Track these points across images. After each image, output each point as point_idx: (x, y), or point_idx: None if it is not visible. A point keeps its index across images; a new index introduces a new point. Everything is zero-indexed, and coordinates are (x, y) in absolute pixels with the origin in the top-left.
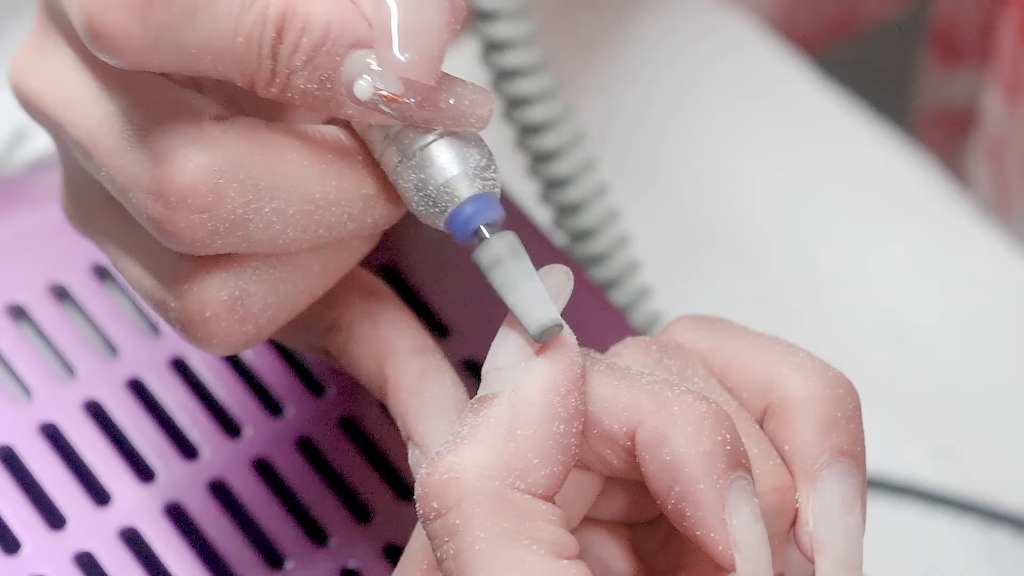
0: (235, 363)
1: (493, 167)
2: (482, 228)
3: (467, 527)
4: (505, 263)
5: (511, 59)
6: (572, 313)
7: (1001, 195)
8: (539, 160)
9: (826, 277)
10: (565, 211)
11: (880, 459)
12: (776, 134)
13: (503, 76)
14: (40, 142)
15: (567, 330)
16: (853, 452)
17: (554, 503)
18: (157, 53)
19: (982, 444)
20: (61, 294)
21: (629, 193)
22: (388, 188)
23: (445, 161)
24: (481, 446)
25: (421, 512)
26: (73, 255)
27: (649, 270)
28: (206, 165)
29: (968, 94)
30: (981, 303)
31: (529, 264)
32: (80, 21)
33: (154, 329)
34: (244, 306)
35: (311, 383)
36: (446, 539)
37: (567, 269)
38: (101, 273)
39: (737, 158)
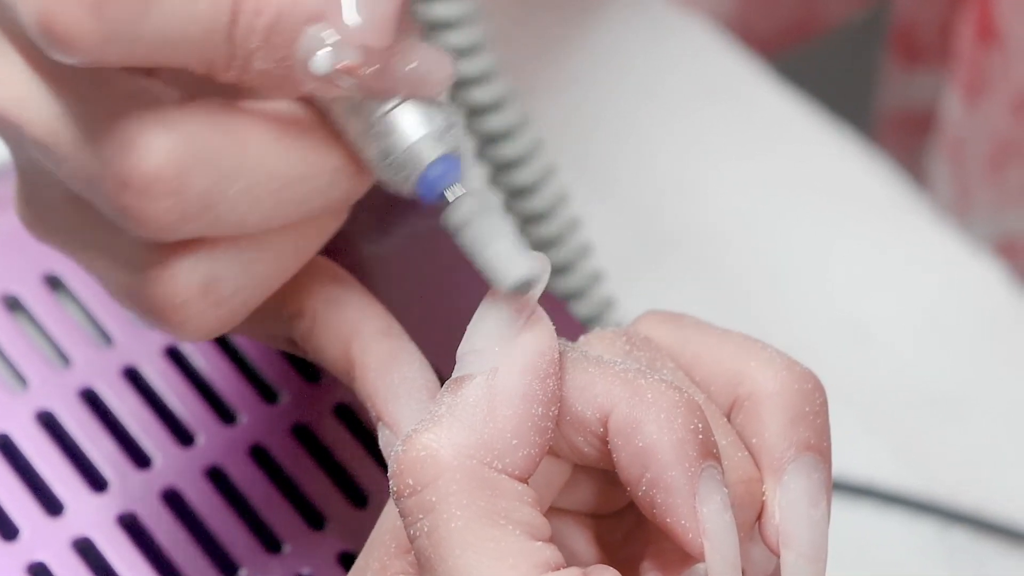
0: (187, 371)
1: (457, 126)
2: (451, 189)
3: (443, 504)
4: (475, 222)
5: (465, 68)
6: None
7: (962, 196)
8: (499, 170)
9: (786, 280)
10: (527, 221)
11: (838, 459)
12: (735, 137)
13: (459, 85)
14: None
15: (543, 314)
16: (819, 447)
17: (528, 485)
18: (113, 48)
19: (940, 444)
20: (12, 304)
21: (588, 198)
22: (354, 160)
23: (408, 126)
24: (459, 425)
25: (395, 489)
26: (24, 265)
27: (609, 275)
28: (170, 148)
29: (928, 95)
30: (940, 304)
31: (500, 220)
32: (33, 21)
33: (106, 338)
34: (217, 289)
35: (264, 390)
36: (420, 516)
37: (542, 255)
38: (53, 283)
39: (696, 162)
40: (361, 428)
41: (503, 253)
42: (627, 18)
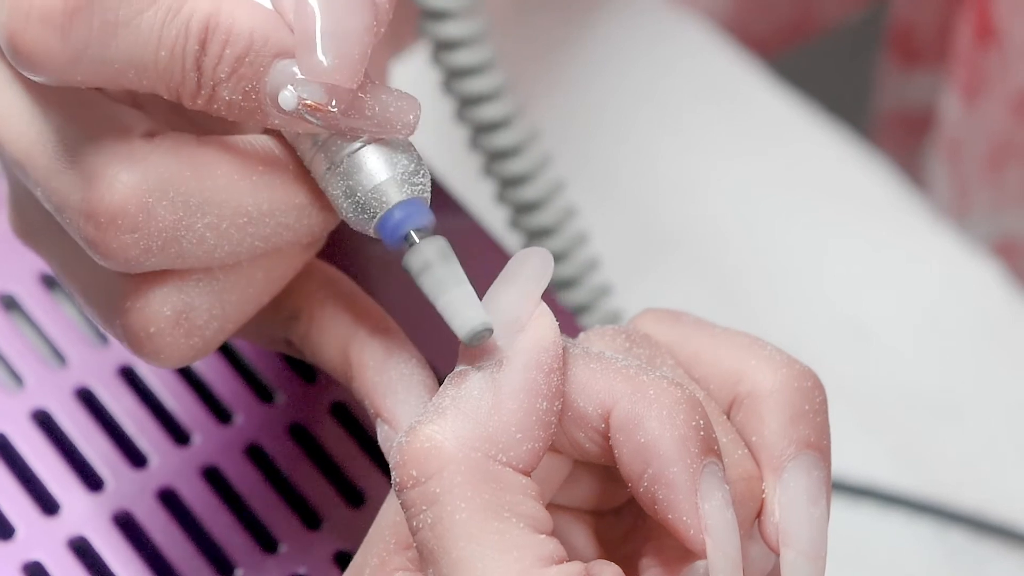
0: (184, 370)
1: (423, 171)
2: (412, 233)
3: (448, 496)
4: (434, 268)
5: (462, 58)
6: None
7: (960, 196)
8: (493, 159)
9: (784, 279)
10: (521, 210)
11: (837, 460)
12: (733, 138)
13: (454, 75)
14: None
15: (546, 309)
16: (819, 445)
17: (531, 479)
18: (80, 69)
19: (939, 444)
20: (9, 304)
21: (588, 196)
22: (321, 196)
23: (373, 167)
24: (463, 417)
25: (398, 480)
26: (20, 265)
27: (608, 272)
28: (135, 184)
29: (926, 95)
30: (939, 304)
31: (458, 268)
32: (3, 38)
33: (102, 338)
34: (189, 319)
35: (260, 390)
36: (424, 508)
37: (546, 252)
38: (49, 282)
39: (695, 162)
40: (357, 428)
41: (457, 303)
42: (626, 19)
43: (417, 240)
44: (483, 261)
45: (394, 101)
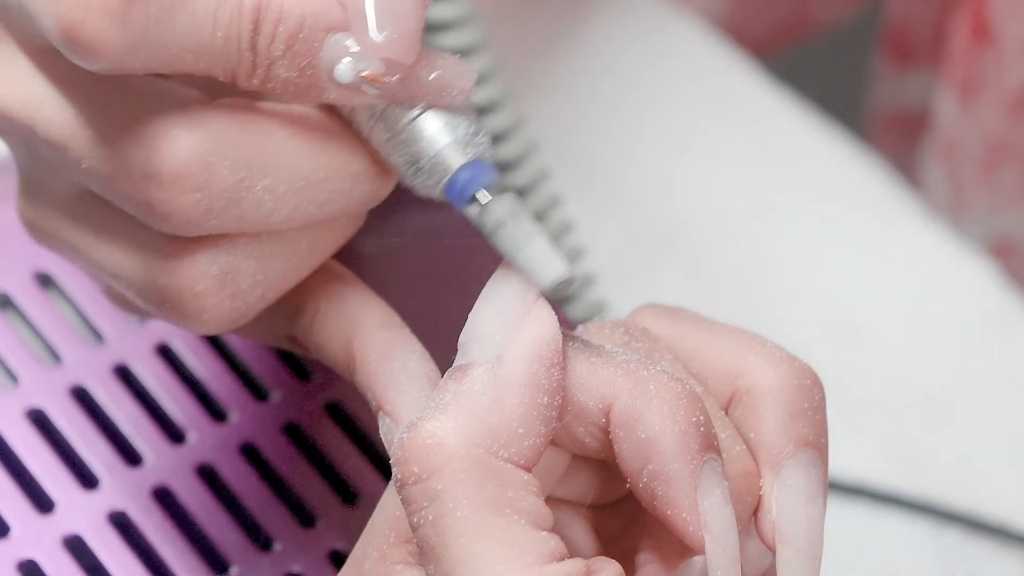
0: (178, 369)
1: (482, 132)
2: (481, 193)
3: (449, 493)
4: (508, 225)
5: None
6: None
7: (955, 195)
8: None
9: (778, 279)
10: None
11: (831, 459)
12: (727, 138)
13: None
14: None
15: (545, 302)
16: (817, 443)
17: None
18: (138, 55)
19: (933, 444)
20: (3, 302)
21: (578, 197)
22: (375, 164)
23: (434, 132)
24: (465, 413)
25: (399, 476)
26: (16, 263)
27: (600, 275)
28: (197, 144)
29: (921, 95)
30: (932, 304)
31: (531, 222)
32: (57, 29)
33: (97, 336)
34: (234, 282)
35: (255, 388)
36: (425, 504)
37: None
38: (44, 281)
39: (688, 162)
40: (352, 426)
41: (538, 255)
42: (619, 18)
43: (485, 200)
44: (482, 258)
45: (450, 67)
